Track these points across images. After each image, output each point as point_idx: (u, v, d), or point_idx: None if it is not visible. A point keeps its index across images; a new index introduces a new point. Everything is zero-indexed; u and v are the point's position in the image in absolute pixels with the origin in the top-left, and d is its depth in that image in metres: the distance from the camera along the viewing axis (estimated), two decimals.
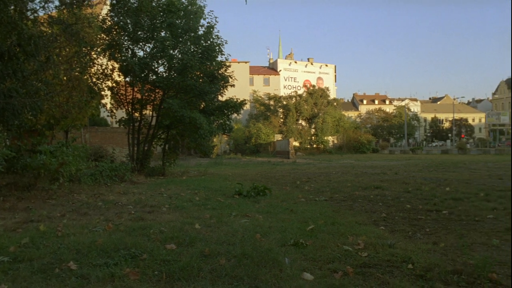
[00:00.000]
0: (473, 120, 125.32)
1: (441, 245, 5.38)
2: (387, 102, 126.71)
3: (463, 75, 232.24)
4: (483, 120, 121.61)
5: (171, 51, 16.52)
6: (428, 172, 17.74)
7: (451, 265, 4.46)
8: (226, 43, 17.33)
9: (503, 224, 6.71)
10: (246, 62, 68.30)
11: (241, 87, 57.60)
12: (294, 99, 59.35)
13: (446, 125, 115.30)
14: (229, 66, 18.64)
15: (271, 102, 60.69)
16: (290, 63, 79.90)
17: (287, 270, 4.28)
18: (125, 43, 16.74)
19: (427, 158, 36.15)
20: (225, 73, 17.98)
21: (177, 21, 16.36)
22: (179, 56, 16.64)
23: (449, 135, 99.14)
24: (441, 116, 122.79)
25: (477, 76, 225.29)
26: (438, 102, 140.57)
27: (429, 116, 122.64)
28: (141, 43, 17.22)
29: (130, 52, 16.85)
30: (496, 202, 8.93)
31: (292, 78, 78.90)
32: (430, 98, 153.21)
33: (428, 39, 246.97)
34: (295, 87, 74.59)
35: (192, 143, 19.33)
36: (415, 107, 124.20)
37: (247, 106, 56.33)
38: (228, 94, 18.50)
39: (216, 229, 6.31)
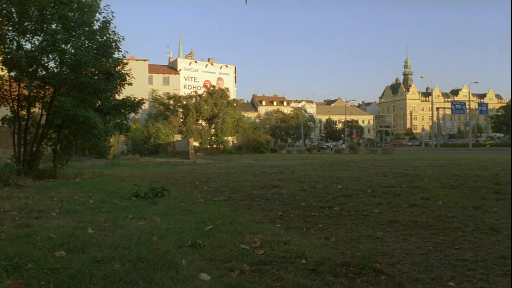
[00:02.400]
0: (363, 121, 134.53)
1: (332, 240, 5.69)
2: (285, 103, 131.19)
3: (354, 79, 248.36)
4: (371, 122, 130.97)
5: (63, 46, 15.50)
6: (322, 171, 18.65)
7: (341, 258, 4.73)
8: (123, 39, 16.70)
9: (387, 218, 7.26)
10: (145, 60, 66.63)
11: (140, 85, 55.90)
12: (194, 99, 59.06)
13: (339, 126, 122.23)
14: (127, 63, 17.98)
15: (171, 102, 59.82)
16: (191, 62, 79.49)
17: (184, 272, 4.23)
18: (10, 34, 15.37)
19: (321, 157, 37.99)
20: (123, 71, 17.31)
21: (69, 14, 15.37)
22: (72, 51, 15.65)
23: (342, 135, 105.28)
24: (334, 117, 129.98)
25: (366, 81, 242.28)
26: (332, 104, 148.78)
27: (323, 118, 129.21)
28: (28, 35, 15.88)
29: (15, 44, 15.51)
30: (381, 198, 9.64)
31: (193, 78, 78.58)
32: (324, 101, 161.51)
33: (323, 45, 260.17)
34: (195, 87, 74.37)
35: (86, 144, 18.33)
36: (311, 109, 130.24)
37: (145, 106, 54.84)
38: (126, 92, 17.84)
39: (110, 233, 6.05)
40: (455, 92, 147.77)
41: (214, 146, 56.14)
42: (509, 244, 5.38)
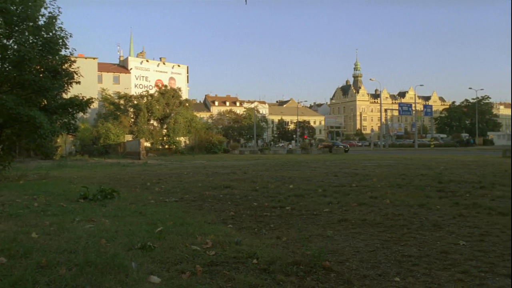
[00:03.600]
0: (315, 122, 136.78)
1: (284, 239, 5.75)
2: (238, 104, 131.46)
3: (306, 81, 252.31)
4: (322, 123, 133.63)
5: (5, 41, 14.81)
6: (274, 171, 18.81)
7: (292, 257, 4.78)
8: (71, 36, 16.14)
9: (337, 216, 7.42)
10: (94, 58, 64.78)
11: (89, 84, 54.26)
12: (145, 98, 57.96)
13: (291, 126, 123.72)
14: (75, 61, 17.40)
15: (122, 101, 58.44)
16: (142, 61, 78.05)
17: (134, 275, 4.15)
18: None
19: (274, 157, 38.30)
20: (70, 69, 16.74)
21: (11, 7, 14.68)
22: (15, 47, 14.99)
23: (294, 136, 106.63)
24: (287, 118, 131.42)
25: (318, 82, 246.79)
26: (284, 105, 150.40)
27: (276, 118, 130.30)
28: None
29: None
30: (332, 197, 9.84)
31: (144, 77, 77.20)
32: (277, 101, 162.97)
33: (276, 46, 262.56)
34: (147, 87, 73.07)
35: (31, 144, 17.59)
36: (264, 109, 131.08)
37: (95, 105, 53.24)
38: (74, 91, 17.27)
39: (56, 237, 5.84)
40: (402, 94, 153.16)
41: (166, 146, 55.35)
42: (450, 240, 5.63)
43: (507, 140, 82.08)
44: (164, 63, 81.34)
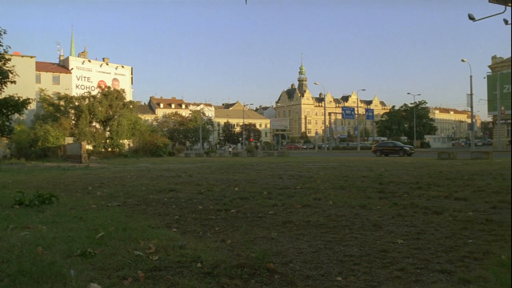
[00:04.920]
0: (260, 125, 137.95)
1: (228, 242, 5.73)
2: (184, 106, 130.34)
3: (252, 84, 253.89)
4: (268, 126, 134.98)
5: None
6: (220, 174, 18.74)
7: (236, 260, 4.78)
8: (5, 33, 15.49)
9: (281, 218, 7.50)
10: (32, 57, 61.94)
11: (26, 84, 51.84)
12: (87, 100, 56.03)
13: (237, 129, 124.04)
14: (9, 59, 16.69)
15: (62, 103, 56.12)
16: (84, 61, 75.51)
17: (72, 283, 3.98)
18: None
19: (220, 160, 38.21)
20: (4, 67, 16.01)
21: None
22: None
23: (240, 138, 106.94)
24: (233, 121, 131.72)
25: (264, 86, 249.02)
26: (230, 108, 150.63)
27: (222, 121, 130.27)
28: None
29: None
30: (277, 199, 9.92)
31: (86, 78, 74.76)
32: (223, 104, 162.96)
33: (222, 49, 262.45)
34: (89, 88, 70.76)
35: None
36: (210, 112, 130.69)
37: (32, 106, 51.17)
38: (9, 91, 16.50)
39: None
40: (346, 98, 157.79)
41: (109, 149, 53.79)
42: (389, 239, 5.84)
43: (441, 143, 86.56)
44: (107, 64, 79.12)
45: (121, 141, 54.36)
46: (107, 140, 54.89)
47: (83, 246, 5.31)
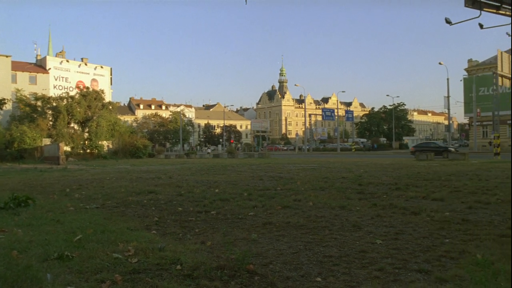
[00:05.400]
0: (241, 126, 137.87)
1: (208, 244, 5.71)
2: (164, 107, 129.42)
3: (233, 85, 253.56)
4: (249, 127, 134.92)
5: None
6: (200, 175, 18.67)
7: (216, 262, 4.76)
8: None
9: (261, 220, 7.51)
10: (7, 56, 60.66)
11: (1, 84, 50.78)
12: (65, 100, 55.09)
13: (218, 130, 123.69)
14: None
15: (39, 103, 55.05)
16: (62, 61, 74.28)
17: (49, 287, 3.92)
18: None
19: (200, 162, 38.06)
20: None
21: None
22: None
23: (220, 140, 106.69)
24: (213, 122, 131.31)
25: (245, 87, 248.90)
26: (211, 109, 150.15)
27: (202, 122, 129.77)
28: None
29: None
30: (257, 201, 9.93)
31: (64, 78, 73.54)
32: (203, 105, 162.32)
33: (202, 50, 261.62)
34: (67, 88, 69.60)
35: None
36: (190, 113, 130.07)
37: (8, 106, 50.02)
38: None
39: None
40: (326, 100, 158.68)
41: (88, 151, 52.99)
42: (368, 239, 5.90)
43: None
44: (86, 64, 77.99)
45: (100, 142, 53.62)
46: (86, 142, 54.07)
47: (60, 249, 5.22)
